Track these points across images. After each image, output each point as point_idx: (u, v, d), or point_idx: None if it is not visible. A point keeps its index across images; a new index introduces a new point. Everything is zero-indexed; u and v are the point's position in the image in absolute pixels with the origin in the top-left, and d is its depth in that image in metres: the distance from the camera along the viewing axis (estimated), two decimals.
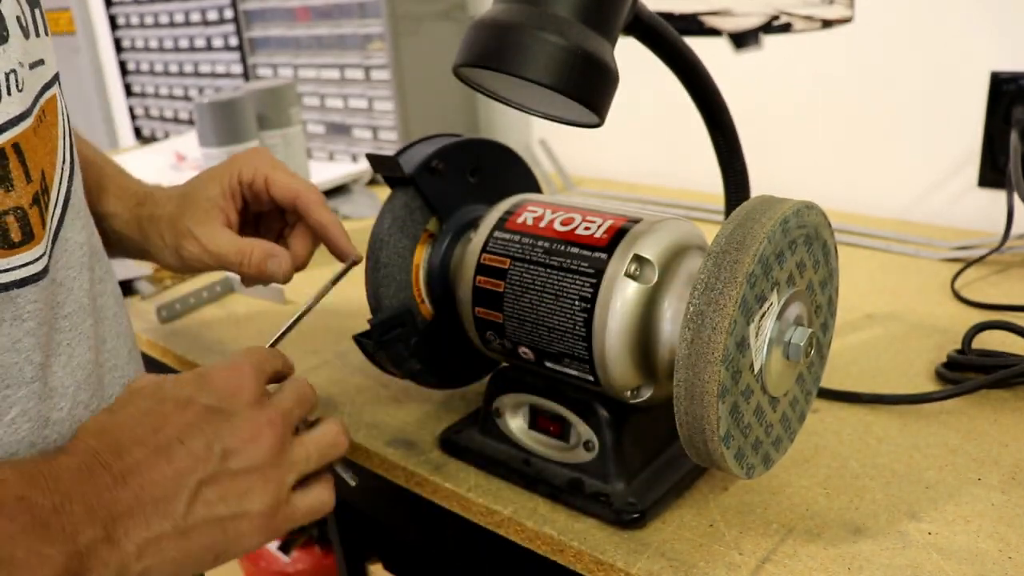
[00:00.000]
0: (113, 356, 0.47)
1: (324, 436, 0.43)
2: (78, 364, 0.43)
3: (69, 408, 0.42)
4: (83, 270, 0.44)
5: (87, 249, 0.45)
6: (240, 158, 0.57)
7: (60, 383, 0.41)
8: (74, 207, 0.44)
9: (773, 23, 0.93)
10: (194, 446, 0.37)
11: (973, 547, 0.43)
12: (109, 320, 0.48)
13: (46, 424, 0.40)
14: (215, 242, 0.55)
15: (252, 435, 0.39)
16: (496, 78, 0.43)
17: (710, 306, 0.38)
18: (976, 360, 0.59)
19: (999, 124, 0.86)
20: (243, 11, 1.36)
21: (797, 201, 0.41)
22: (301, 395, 0.43)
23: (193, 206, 0.55)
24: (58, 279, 0.42)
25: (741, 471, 0.43)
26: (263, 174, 0.56)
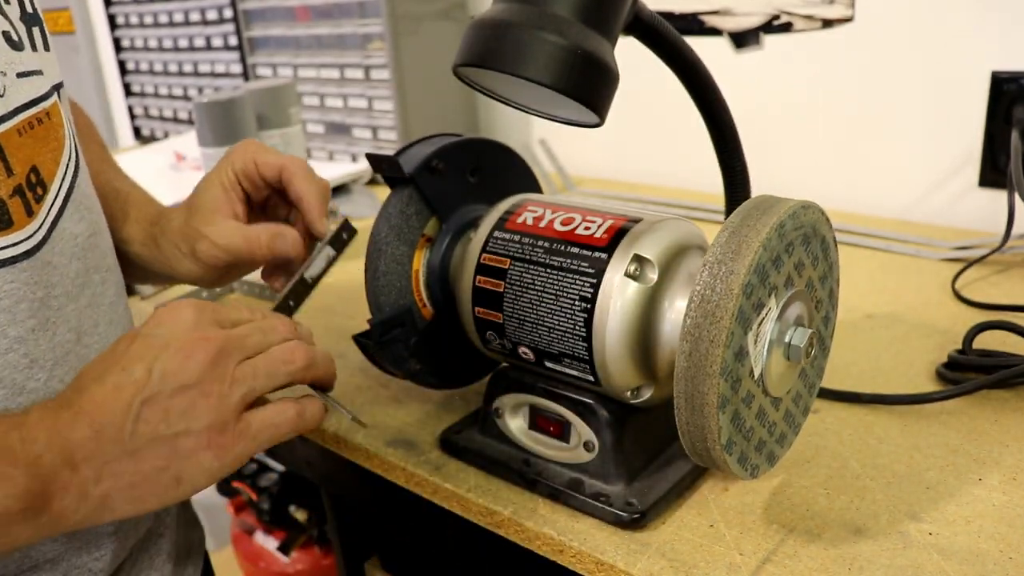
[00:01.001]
0: (100, 340, 0.50)
1: (275, 352, 0.43)
2: (59, 342, 0.46)
3: (46, 379, 0.45)
4: (74, 259, 0.47)
5: (83, 240, 0.49)
6: (231, 151, 0.58)
7: (42, 355, 0.45)
8: (75, 201, 0.48)
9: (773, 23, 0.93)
10: (135, 371, 0.40)
11: (974, 547, 0.43)
12: (104, 308, 0.51)
13: (21, 392, 0.44)
14: (225, 236, 0.55)
15: (186, 353, 0.40)
16: (496, 78, 0.43)
17: (706, 319, 0.38)
18: (977, 360, 0.59)
19: (999, 124, 0.86)
20: (243, 10, 1.36)
21: (794, 202, 0.41)
22: (267, 337, 0.44)
23: (199, 210, 0.57)
24: (54, 263, 0.45)
25: (745, 473, 0.43)
26: (251, 158, 0.57)
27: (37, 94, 0.46)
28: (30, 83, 0.45)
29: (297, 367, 0.44)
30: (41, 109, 0.46)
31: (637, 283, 0.45)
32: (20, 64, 0.45)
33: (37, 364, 0.45)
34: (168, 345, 0.40)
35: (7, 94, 0.43)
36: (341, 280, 0.88)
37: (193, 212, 0.57)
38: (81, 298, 0.48)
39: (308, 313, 0.80)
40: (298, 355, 0.44)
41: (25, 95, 0.45)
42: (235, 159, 0.58)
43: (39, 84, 0.46)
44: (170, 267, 0.59)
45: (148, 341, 0.41)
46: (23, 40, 0.46)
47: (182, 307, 0.43)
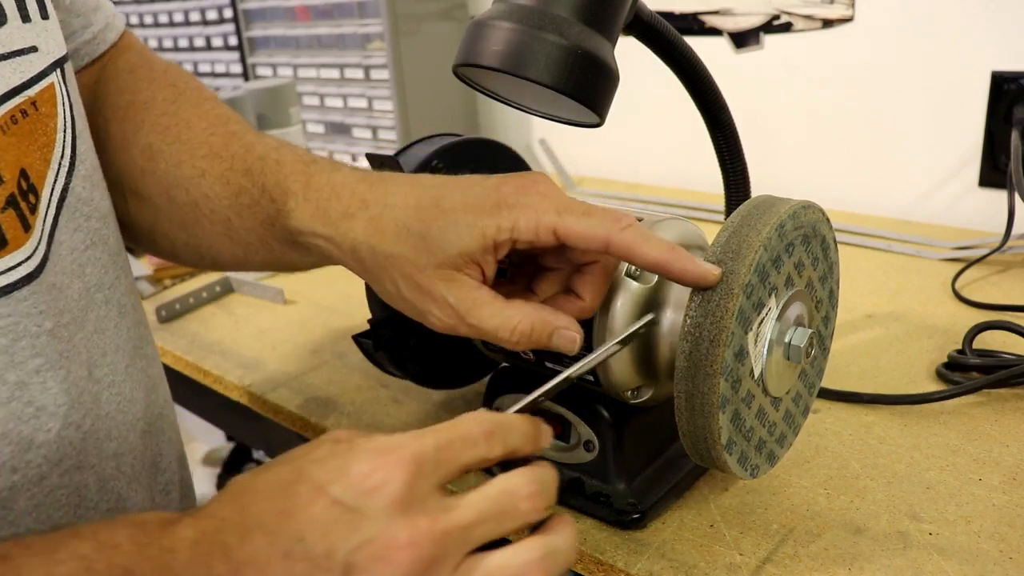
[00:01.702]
0: (111, 372, 0.43)
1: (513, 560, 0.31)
2: (73, 380, 0.39)
3: (59, 429, 0.38)
4: (75, 278, 0.41)
5: (81, 254, 0.42)
6: (513, 203, 0.40)
7: (52, 400, 0.38)
8: (71, 206, 0.41)
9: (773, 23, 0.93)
10: (314, 549, 0.29)
11: (974, 547, 0.43)
12: (109, 333, 0.43)
13: (30, 447, 0.37)
14: (470, 309, 0.41)
15: (382, 553, 0.29)
16: (496, 78, 0.43)
17: (707, 319, 0.38)
18: (977, 360, 0.59)
19: (1000, 124, 0.86)
20: (243, 10, 1.36)
21: (794, 202, 0.41)
22: (501, 526, 0.31)
23: (437, 250, 0.41)
24: (58, 284, 0.39)
25: (745, 473, 0.43)
26: (549, 226, 0.40)
27: (22, 79, 0.37)
28: (13, 66, 0.37)
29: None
30: (25, 98, 0.38)
31: (637, 283, 0.45)
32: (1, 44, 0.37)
33: (46, 411, 0.37)
34: (360, 529, 0.29)
35: None
36: (341, 280, 0.88)
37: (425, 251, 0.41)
38: (87, 324, 0.41)
39: (309, 313, 0.80)
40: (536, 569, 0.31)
41: (5, 83, 0.37)
42: (519, 225, 0.40)
43: (27, 66, 0.38)
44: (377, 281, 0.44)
45: (337, 512, 0.30)
46: (5, 10, 0.37)
47: (392, 467, 0.30)
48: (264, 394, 0.65)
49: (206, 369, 0.70)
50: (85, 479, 0.40)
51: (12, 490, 0.37)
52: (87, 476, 0.41)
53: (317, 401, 0.63)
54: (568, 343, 0.41)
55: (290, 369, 0.69)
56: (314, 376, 0.67)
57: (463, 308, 0.41)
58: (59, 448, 0.38)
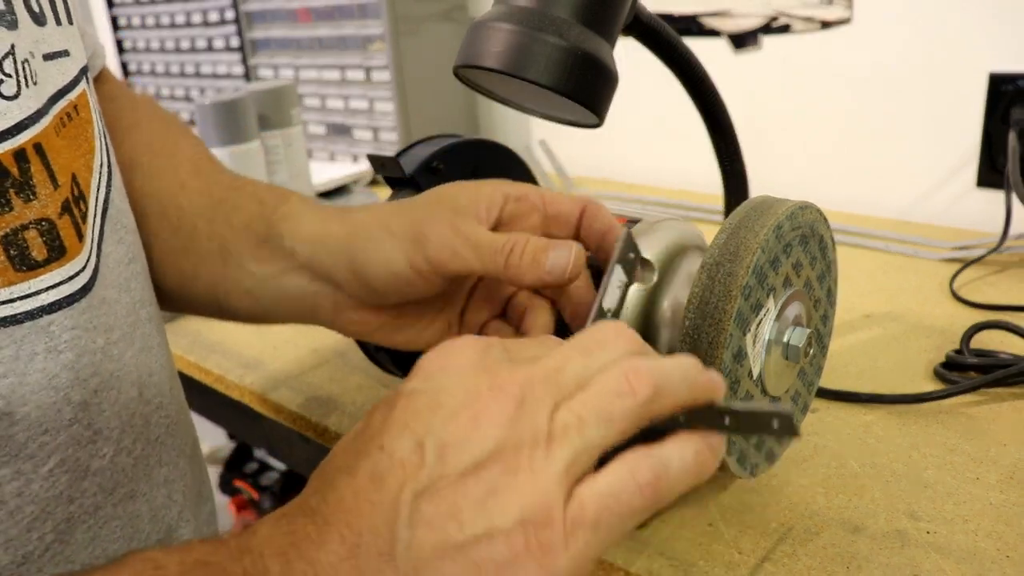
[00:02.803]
0: (159, 393, 0.41)
1: (607, 382, 0.27)
2: (124, 402, 0.37)
3: (112, 455, 0.36)
4: (123, 292, 0.39)
5: (126, 267, 0.40)
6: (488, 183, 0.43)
7: (106, 424, 0.36)
8: (112, 218, 0.39)
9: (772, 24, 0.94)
10: (400, 448, 0.26)
11: (971, 546, 0.43)
12: (155, 351, 0.41)
13: (85, 475, 0.35)
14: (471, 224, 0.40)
15: (474, 411, 0.26)
16: (496, 79, 0.43)
17: (705, 320, 0.38)
18: (974, 360, 0.59)
19: (997, 125, 0.86)
20: (244, 12, 1.36)
21: (792, 203, 0.41)
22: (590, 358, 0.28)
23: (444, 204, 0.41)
24: (108, 299, 0.36)
25: (745, 472, 0.43)
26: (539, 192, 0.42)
27: (65, 81, 0.36)
28: (57, 67, 0.36)
29: (642, 397, 0.27)
30: (69, 101, 0.36)
31: (637, 283, 0.45)
32: (45, 43, 0.35)
33: (102, 436, 0.35)
34: (442, 404, 0.27)
35: (39, 82, 0.34)
36: None
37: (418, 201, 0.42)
38: (135, 341, 0.39)
39: None
40: (640, 378, 0.27)
41: (53, 83, 0.35)
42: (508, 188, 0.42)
43: (66, 67, 0.37)
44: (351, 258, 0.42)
45: (413, 402, 0.27)
46: (45, 11, 0.36)
47: (456, 345, 0.29)
48: (265, 393, 0.66)
49: (207, 368, 0.71)
50: (138, 509, 0.39)
51: (69, 522, 0.35)
52: (140, 506, 0.39)
53: (318, 400, 0.64)
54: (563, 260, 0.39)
55: (291, 368, 0.69)
56: (315, 375, 0.68)
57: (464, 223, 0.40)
58: (113, 476, 0.36)
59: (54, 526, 0.34)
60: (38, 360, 0.32)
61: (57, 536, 0.34)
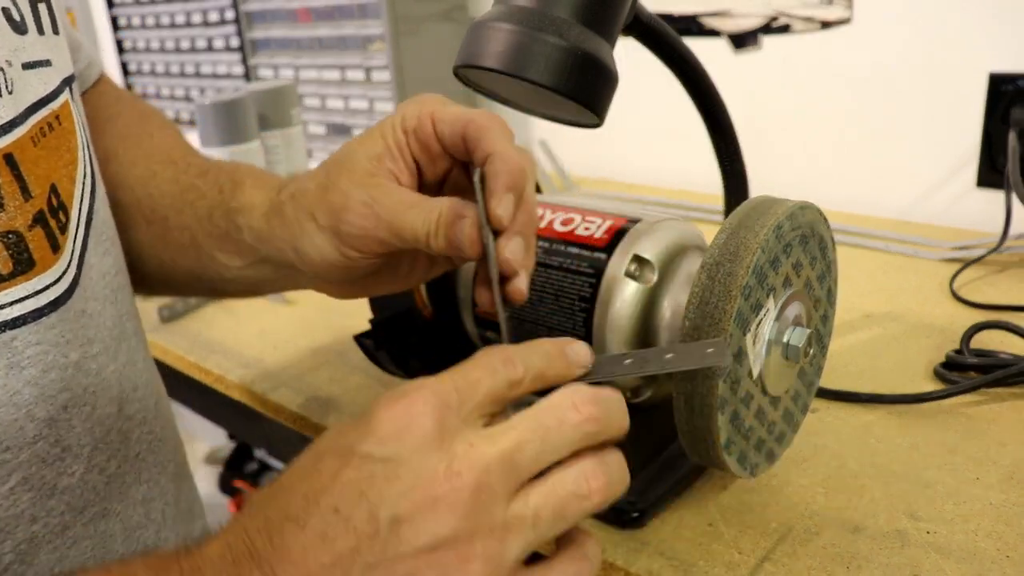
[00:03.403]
0: (143, 409, 0.40)
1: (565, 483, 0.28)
2: (99, 418, 0.36)
3: (82, 473, 0.35)
4: (107, 304, 0.38)
5: (112, 279, 0.39)
6: (404, 105, 0.41)
7: (76, 441, 0.35)
8: (96, 229, 0.39)
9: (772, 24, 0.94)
10: (354, 516, 0.26)
11: (971, 546, 0.43)
12: (140, 365, 0.41)
13: (52, 493, 0.34)
14: (388, 204, 0.38)
15: (428, 496, 0.26)
16: (496, 79, 0.43)
17: (705, 320, 0.38)
18: (974, 360, 0.59)
19: (997, 125, 0.86)
20: (244, 12, 1.36)
21: (792, 203, 0.41)
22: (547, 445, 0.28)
23: (350, 168, 0.39)
24: (88, 311, 0.36)
25: (745, 472, 0.43)
26: (429, 113, 0.39)
27: (46, 91, 0.36)
28: (38, 76, 0.36)
29: (597, 500, 0.29)
30: (51, 111, 0.36)
31: (636, 283, 0.45)
32: (25, 52, 0.35)
33: (71, 453, 0.34)
34: (399, 477, 0.27)
35: (15, 91, 0.34)
36: None
37: (340, 171, 0.40)
38: (120, 355, 0.38)
39: (310, 313, 0.80)
40: (597, 480, 0.29)
41: (34, 92, 0.35)
42: (406, 113, 0.40)
43: (48, 77, 0.37)
44: (295, 249, 0.41)
45: (369, 467, 0.27)
46: (27, 20, 0.36)
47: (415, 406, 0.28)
48: (265, 393, 0.66)
49: (208, 368, 0.71)
50: (111, 528, 0.38)
51: (32, 542, 0.34)
52: (112, 525, 0.38)
53: (318, 400, 0.64)
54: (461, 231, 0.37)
55: (291, 369, 0.69)
56: (315, 376, 0.68)
57: (377, 202, 0.38)
58: (83, 494, 0.35)
59: (14, 546, 0.33)
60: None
61: (17, 556, 0.33)
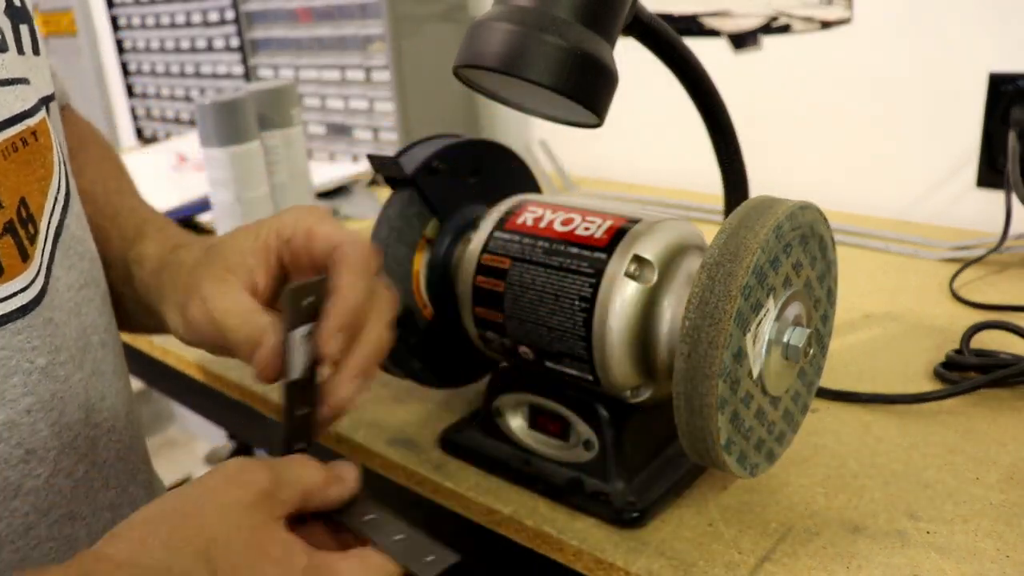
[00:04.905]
0: (112, 417, 0.42)
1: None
2: (66, 424, 0.37)
3: (48, 475, 0.37)
4: (72, 316, 0.40)
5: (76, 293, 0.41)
6: (286, 211, 0.44)
7: (42, 444, 0.36)
8: (65, 243, 0.40)
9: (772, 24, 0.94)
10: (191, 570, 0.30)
11: (971, 546, 0.43)
12: (108, 376, 0.43)
13: (17, 493, 0.35)
14: (220, 306, 0.40)
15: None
16: (496, 79, 0.43)
17: (705, 320, 0.38)
18: (974, 360, 0.59)
19: (997, 125, 0.86)
20: (244, 12, 1.36)
21: (792, 203, 0.41)
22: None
23: (219, 258, 0.42)
24: (55, 320, 0.37)
25: (745, 472, 0.43)
26: (306, 227, 0.42)
27: (22, 108, 0.38)
28: (14, 93, 0.37)
29: None
30: (26, 127, 0.38)
31: (636, 283, 0.45)
32: (4, 69, 0.37)
33: (36, 456, 0.36)
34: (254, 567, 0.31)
35: None
36: None
37: (213, 256, 0.43)
38: (85, 365, 0.40)
39: None
40: None
41: (8, 109, 0.37)
42: (285, 222, 0.42)
43: (25, 95, 0.38)
44: (159, 310, 0.45)
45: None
46: (7, 40, 0.38)
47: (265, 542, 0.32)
48: (265, 393, 0.66)
49: (207, 368, 0.71)
50: (76, 532, 0.39)
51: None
52: (78, 529, 0.39)
53: None
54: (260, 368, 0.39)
55: None
56: None
57: (213, 299, 0.40)
58: (48, 496, 0.37)
59: None
60: None
61: None
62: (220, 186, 0.87)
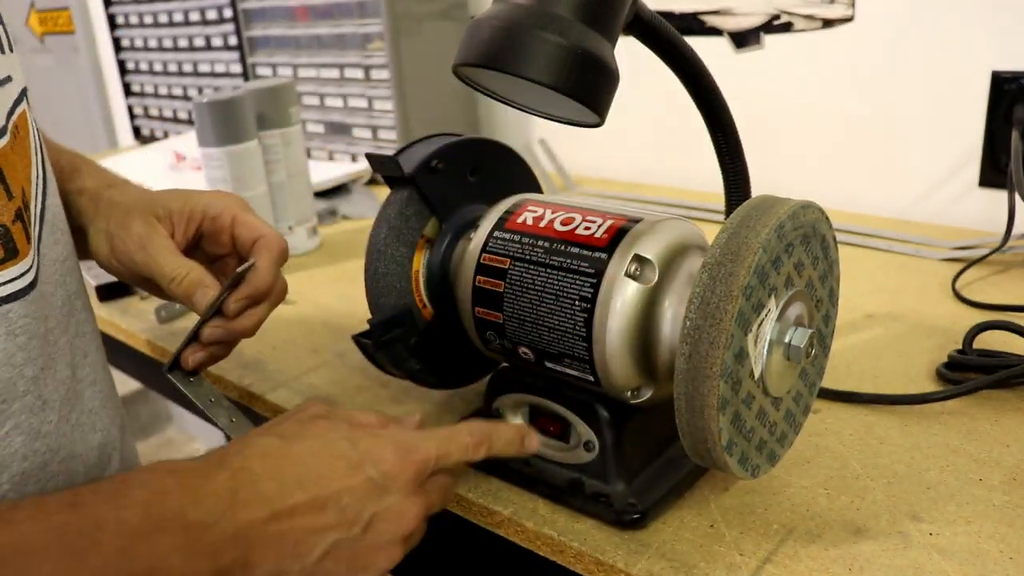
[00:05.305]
0: (93, 370, 0.48)
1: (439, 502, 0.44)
2: (60, 379, 0.43)
3: (56, 422, 0.43)
4: (59, 286, 0.45)
5: (61, 264, 0.46)
6: (214, 194, 0.55)
7: (50, 395, 0.42)
8: (49, 223, 0.45)
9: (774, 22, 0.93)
10: (346, 510, 0.39)
11: (974, 548, 0.43)
12: (88, 336, 0.49)
13: (37, 436, 0.42)
14: (154, 245, 0.52)
15: (397, 519, 0.40)
16: (496, 78, 0.43)
17: (706, 320, 0.38)
18: (977, 360, 0.59)
19: (1000, 124, 0.86)
20: (242, 10, 1.36)
21: (794, 203, 0.41)
22: (446, 495, 0.45)
23: (148, 208, 0.53)
24: (45, 292, 0.43)
25: (746, 473, 0.43)
26: (232, 213, 0.54)
27: (10, 104, 0.42)
28: (6, 92, 0.42)
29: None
30: (12, 122, 0.42)
31: (637, 283, 0.45)
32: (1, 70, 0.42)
33: (48, 406, 0.42)
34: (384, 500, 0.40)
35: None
36: (341, 280, 0.88)
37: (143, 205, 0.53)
38: (69, 328, 0.46)
39: (309, 313, 0.80)
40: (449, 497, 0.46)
41: (3, 106, 0.41)
42: (213, 202, 0.54)
43: (11, 91, 0.43)
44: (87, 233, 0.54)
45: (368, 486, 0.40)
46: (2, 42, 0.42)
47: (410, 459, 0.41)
48: (264, 394, 0.65)
49: (207, 370, 0.70)
50: (76, 467, 0.45)
51: (23, 475, 0.41)
52: (77, 465, 0.46)
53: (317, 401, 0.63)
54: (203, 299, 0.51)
55: (290, 369, 0.69)
56: (314, 376, 0.67)
57: (146, 239, 0.52)
58: (58, 438, 0.43)
59: (10, 478, 0.40)
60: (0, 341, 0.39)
61: (12, 487, 0.40)
62: (218, 185, 0.87)
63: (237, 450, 0.39)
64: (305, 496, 0.38)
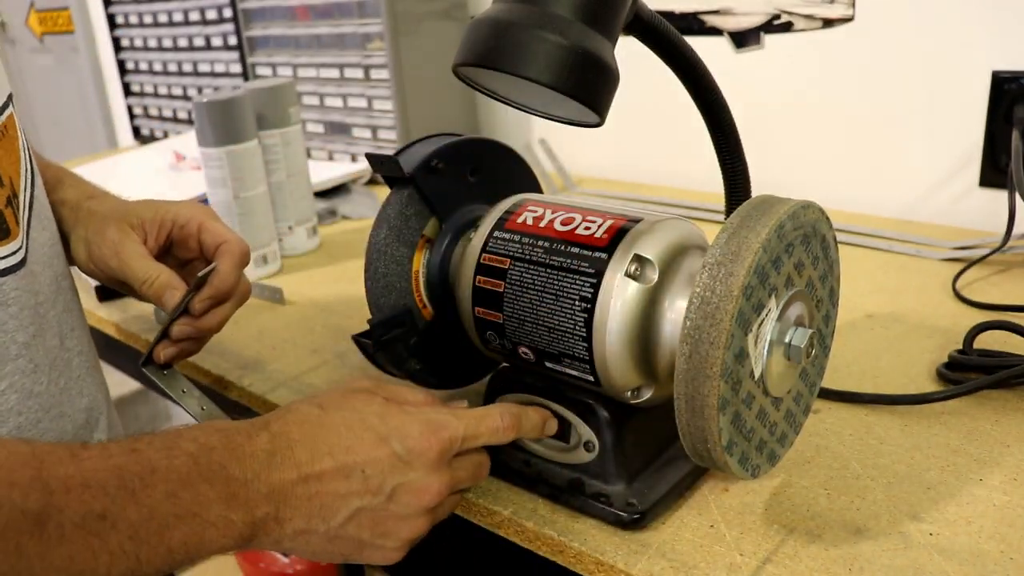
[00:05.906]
0: (79, 342, 0.55)
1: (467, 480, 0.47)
2: (49, 347, 0.49)
3: (47, 384, 0.48)
4: (47, 267, 0.51)
5: (49, 248, 0.52)
6: (183, 203, 0.60)
7: (41, 360, 0.48)
8: (37, 211, 0.51)
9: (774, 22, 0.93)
10: (370, 480, 0.42)
11: (975, 548, 0.43)
12: (76, 312, 0.56)
13: (30, 396, 0.47)
14: (126, 251, 0.57)
15: (419, 492, 0.43)
16: (496, 77, 0.43)
17: (706, 321, 0.38)
18: (977, 360, 0.59)
19: (1000, 124, 0.86)
20: (242, 10, 1.36)
21: (794, 203, 0.41)
22: (477, 472, 0.48)
23: (123, 217, 0.58)
24: (34, 271, 0.49)
25: (746, 474, 0.42)
26: (199, 220, 0.59)
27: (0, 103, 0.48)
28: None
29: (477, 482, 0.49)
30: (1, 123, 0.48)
31: (637, 283, 0.45)
32: None
33: (40, 369, 0.47)
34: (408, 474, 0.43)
35: None
36: (341, 280, 0.88)
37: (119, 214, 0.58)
38: (58, 303, 0.52)
39: (308, 313, 0.80)
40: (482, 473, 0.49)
41: None
42: (182, 211, 0.59)
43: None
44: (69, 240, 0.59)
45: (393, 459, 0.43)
46: None
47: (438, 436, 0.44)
48: (264, 394, 0.65)
49: (206, 369, 0.70)
50: (65, 426, 0.51)
51: (19, 429, 0.47)
52: (66, 424, 0.52)
53: None
54: (172, 300, 0.55)
55: (290, 369, 0.69)
56: (314, 376, 0.67)
57: (120, 245, 0.56)
58: (48, 399, 0.48)
59: (7, 432, 0.46)
60: None
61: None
62: (218, 185, 0.87)
63: (280, 416, 0.43)
64: (333, 463, 0.41)
